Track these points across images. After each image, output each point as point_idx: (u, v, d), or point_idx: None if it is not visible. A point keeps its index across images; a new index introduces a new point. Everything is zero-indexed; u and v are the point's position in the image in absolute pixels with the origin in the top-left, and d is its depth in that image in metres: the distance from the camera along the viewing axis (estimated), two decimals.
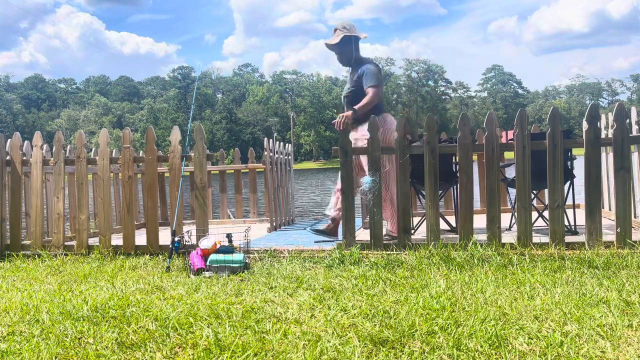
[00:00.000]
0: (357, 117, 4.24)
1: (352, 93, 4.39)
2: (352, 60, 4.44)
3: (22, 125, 77.65)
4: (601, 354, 1.93)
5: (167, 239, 4.37)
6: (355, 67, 4.42)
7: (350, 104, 4.36)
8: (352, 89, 4.39)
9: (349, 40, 4.40)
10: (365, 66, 4.36)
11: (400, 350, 2.00)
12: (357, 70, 4.37)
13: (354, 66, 4.45)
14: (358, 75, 4.34)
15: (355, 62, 4.44)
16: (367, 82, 4.29)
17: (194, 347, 2.11)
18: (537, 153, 4.00)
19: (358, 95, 4.32)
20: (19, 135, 4.87)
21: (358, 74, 4.34)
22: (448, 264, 3.56)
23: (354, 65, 4.45)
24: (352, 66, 4.46)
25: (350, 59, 4.44)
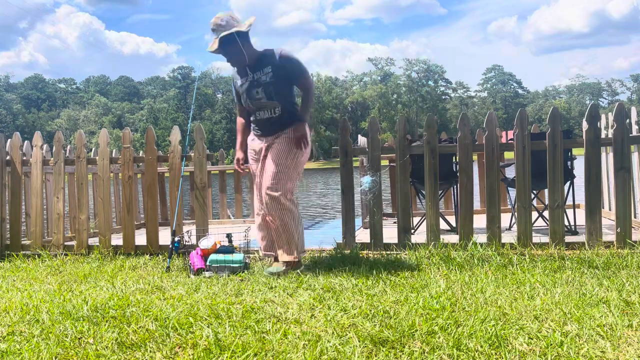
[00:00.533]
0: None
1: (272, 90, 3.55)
2: (247, 57, 3.56)
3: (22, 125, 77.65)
4: (601, 354, 1.93)
5: (167, 239, 4.37)
6: (259, 62, 3.59)
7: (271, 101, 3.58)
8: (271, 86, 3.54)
9: (231, 39, 3.48)
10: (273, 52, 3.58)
11: (400, 350, 2.00)
12: (264, 63, 3.56)
13: (255, 61, 3.59)
14: (276, 67, 3.53)
15: (252, 56, 3.59)
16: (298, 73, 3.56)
17: (194, 347, 2.11)
18: (537, 153, 4.00)
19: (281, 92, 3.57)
20: (19, 135, 4.87)
21: (273, 65, 3.53)
22: (448, 264, 3.56)
23: (255, 60, 3.59)
24: (250, 64, 3.60)
25: (241, 57, 3.56)
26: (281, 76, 3.51)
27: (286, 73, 3.52)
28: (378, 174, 4.12)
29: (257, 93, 3.54)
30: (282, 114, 3.54)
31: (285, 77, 3.53)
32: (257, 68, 3.55)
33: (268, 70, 3.52)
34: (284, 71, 3.51)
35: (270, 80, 3.50)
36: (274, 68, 3.51)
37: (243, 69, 3.61)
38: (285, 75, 3.52)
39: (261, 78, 3.53)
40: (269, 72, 3.52)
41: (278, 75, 3.50)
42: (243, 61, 3.56)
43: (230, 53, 3.54)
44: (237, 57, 3.55)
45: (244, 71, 3.62)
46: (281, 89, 3.52)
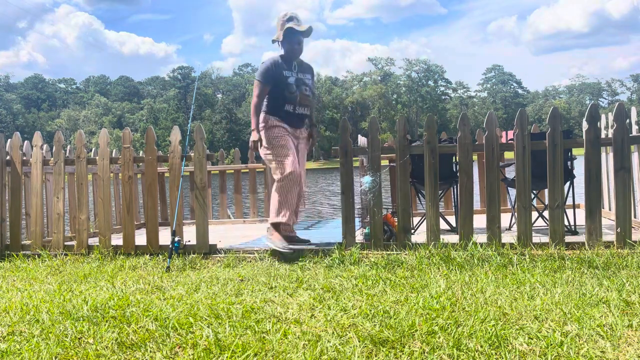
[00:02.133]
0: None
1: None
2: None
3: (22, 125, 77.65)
4: (601, 354, 1.93)
5: (167, 239, 4.37)
6: (301, 66, 4.38)
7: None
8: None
9: (309, 33, 4.29)
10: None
11: (400, 350, 2.00)
12: (306, 69, 4.45)
13: (300, 63, 4.38)
14: (313, 78, 4.48)
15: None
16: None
17: (194, 347, 2.11)
18: (537, 153, 4.00)
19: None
20: (19, 135, 4.88)
21: (312, 75, 4.47)
22: (448, 264, 3.56)
23: (299, 62, 4.39)
24: (297, 63, 4.33)
25: (300, 51, 4.31)
26: (313, 86, 4.39)
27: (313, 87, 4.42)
28: (378, 174, 4.12)
29: (306, 90, 4.21)
30: (310, 115, 4.33)
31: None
32: (301, 70, 4.26)
33: (309, 76, 4.30)
34: (313, 84, 4.41)
35: (311, 85, 4.31)
36: (311, 77, 4.36)
37: (291, 63, 4.21)
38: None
39: (306, 80, 4.24)
40: (310, 79, 4.31)
41: (313, 84, 4.37)
42: (298, 55, 4.24)
43: (301, 44, 4.23)
44: (300, 49, 4.23)
45: (290, 65, 4.21)
46: (314, 92, 4.41)
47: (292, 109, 4.14)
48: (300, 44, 4.20)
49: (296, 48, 4.18)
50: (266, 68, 4.12)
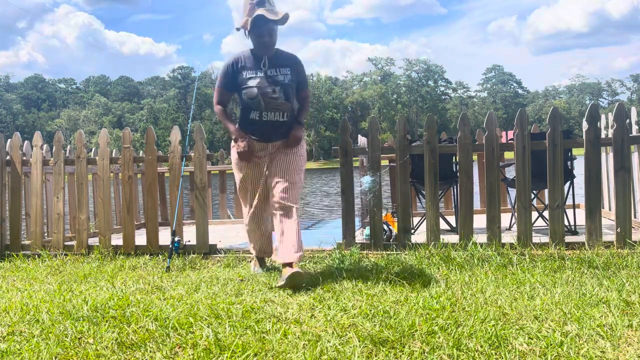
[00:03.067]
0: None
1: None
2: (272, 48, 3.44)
3: (22, 125, 77.64)
4: (601, 354, 1.93)
5: (167, 239, 4.36)
6: (276, 59, 3.47)
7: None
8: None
9: (283, 21, 3.37)
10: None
11: (400, 350, 2.00)
12: (282, 62, 3.49)
13: (273, 57, 3.46)
14: (294, 71, 3.54)
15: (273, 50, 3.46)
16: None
17: (194, 347, 2.11)
18: (537, 153, 4.01)
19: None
20: (19, 135, 4.88)
21: (292, 67, 3.53)
22: (448, 264, 3.56)
23: (273, 55, 3.47)
24: (269, 58, 3.43)
25: (272, 44, 3.41)
26: (294, 82, 3.41)
27: (298, 80, 3.45)
28: (378, 174, 4.12)
29: (274, 92, 3.31)
30: (288, 120, 3.39)
31: (297, 84, 3.45)
32: (274, 65, 3.36)
33: (287, 71, 3.38)
34: (297, 78, 3.44)
35: (288, 82, 3.36)
36: (292, 71, 3.39)
37: (258, 60, 3.36)
38: (297, 82, 3.44)
39: (278, 77, 3.34)
40: (287, 74, 3.37)
41: (293, 80, 3.39)
42: (269, 49, 3.35)
43: (273, 34, 3.33)
44: (271, 41, 3.33)
45: (256, 63, 3.35)
46: (292, 94, 3.41)
47: (258, 116, 3.34)
48: (272, 35, 3.32)
49: (266, 41, 3.32)
50: (223, 69, 3.41)
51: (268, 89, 3.31)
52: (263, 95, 3.29)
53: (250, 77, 3.33)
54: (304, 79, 3.50)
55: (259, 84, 3.30)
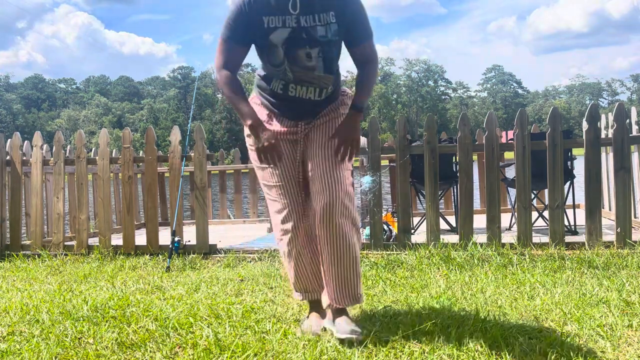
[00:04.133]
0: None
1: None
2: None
3: (22, 125, 77.62)
4: (601, 354, 1.93)
5: (167, 239, 4.37)
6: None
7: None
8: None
9: None
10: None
11: (400, 350, 2.00)
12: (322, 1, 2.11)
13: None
14: (341, 12, 2.12)
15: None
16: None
17: (194, 347, 2.11)
18: (537, 153, 4.01)
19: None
20: (19, 135, 4.88)
21: (337, 8, 2.11)
22: (448, 264, 3.56)
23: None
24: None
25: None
26: (343, 33, 2.15)
27: (352, 29, 2.15)
28: (378, 174, 4.12)
29: (310, 57, 2.12)
30: (330, 97, 2.26)
31: (349, 36, 2.17)
32: (310, 5, 2.07)
33: (330, 17, 2.09)
34: (350, 25, 2.13)
35: (332, 37, 2.11)
36: (339, 15, 2.09)
37: (284, 0, 2.06)
38: (349, 31, 2.15)
39: (317, 29, 2.08)
40: (332, 22, 2.09)
41: (340, 31, 2.13)
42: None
43: None
44: None
45: (283, 4, 2.07)
46: (337, 57, 2.22)
47: (282, 88, 2.22)
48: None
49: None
50: (233, 9, 2.11)
51: (300, 52, 2.11)
52: (292, 61, 2.13)
53: (273, 26, 2.09)
54: (362, 24, 2.14)
55: (286, 41, 2.10)
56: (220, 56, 2.17)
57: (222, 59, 2.17)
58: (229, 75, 2.16)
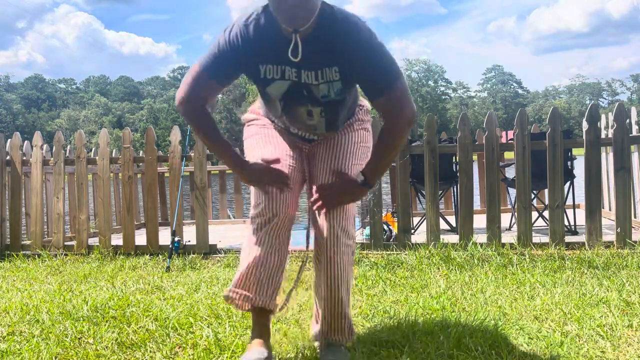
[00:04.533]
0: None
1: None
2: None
3: (22, 125, 77.61)
4: (601, 354, 1.93)
5: (167, 239, 4.36)
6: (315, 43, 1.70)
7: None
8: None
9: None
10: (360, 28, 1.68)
11: (400, 350, 2.00)
12: (326, 51, 1.71)
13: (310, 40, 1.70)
14: (348, 66, 1.73)
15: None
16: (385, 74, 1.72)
17: (194, 347, 2.11)
18: (537, 153, 4.01)
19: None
20: (19, 135, 4.88)
21: (343, 62, 1.72)
22: (448, 264, 3.56)
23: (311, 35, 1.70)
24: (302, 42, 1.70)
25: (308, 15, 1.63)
26: (352, 86, 1.86)
27: (361, 81, 1.77)
28: None
29: (311, 115, 1.85)
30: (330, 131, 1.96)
31: (361, 86, 1.81)
32: (312, 55, 1.69)
33: (334, 73, 1.74)
34: (361, 77, 1.74)
35: (336, 97, 1.80)
36: (345, 68, 1.72)
37: (282, 41, 1.69)
38: (360, 83, 1.79)
39: (319, 88, 1.77)
40: (336, 79, 1.75)
41: (347, 86, 1.80)
42: (300, 18, 1.61)
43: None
44: (309, 9, 1.60)
45: (278, 48, 1.70)
46: (344, 111, 1.92)
47: (283, 128, 2.00)
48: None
49: (291, 9, 1.59)
50: (218, 45, 1.73)
51: (300, 109, 1.84)
52: (290, 117, 1.89)
53: (270, 78, 1.78)
54: (379, 74, 1.70)
55: (285, 96, 1.82)
56: (191, 86, 1.79)
57: (193, 90, 1.79)
58: (199, 109, 1.82)
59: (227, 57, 1.74)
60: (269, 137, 1.96)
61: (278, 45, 1.70)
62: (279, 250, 1.88)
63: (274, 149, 1.92)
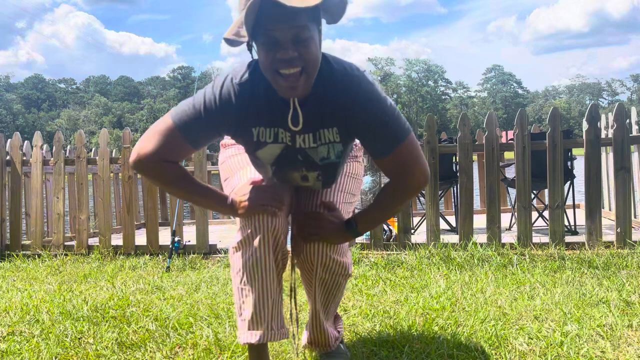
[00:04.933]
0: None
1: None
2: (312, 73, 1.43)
3: (22, 125, 77.65)
4: (601, 354, 1.93)
5: (167, 239, 4.36)
6: (314, 104, 1.51)
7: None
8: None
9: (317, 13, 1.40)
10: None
11: (400, 350, 2.00)
12: (325, 112, 1.53)
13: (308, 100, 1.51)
14: (349, 127, 1.55)
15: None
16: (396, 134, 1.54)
17: (194, 347, 2.11)
18: (537, 153, 4.01)
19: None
20: (19, 135, 4.88)
21: (342, 122, 1.55)
22: (448, 264, 3.56)
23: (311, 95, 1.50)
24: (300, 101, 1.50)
25: (312, 68, 1.42)
26: (350, 149, 1.76)
27: (363, 140, 1.58)
28: (378, 174, 4.12)
29: (306, 179, 1.67)
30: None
31: (365, 146, 1.60)
32: (311, 118, 1.52)
33: (334, 135, 1.57)
34: (360, 135, 1.57)
35: (336, 159, 1.62)
36: (345, 130, 1.56)
37: (278, 104, 1.50)
38: (362, 142, 1.60)
39: (317, 151, 1.59)
40: (336, 141, 1.58)
41: (347, 149, 1.64)
42: (298, 84, 1.40)
43: (306, 44, 1.37)
44: (301, 63, 1.38)
45: (273, 111, 1.52)
46: (340, 173, 1.77)
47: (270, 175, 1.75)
48: (302, 45, 1.36)
49: (290, 57, 1.36)
50: (200, 102, 1.52)
51: (294, 174, 1.66)
52: (283, 181, 1.70)
53: (263, 141, 1.58)
54: (382, 134, 1.52)
55: (278, 160, 1.62)
56: (159, 142, 1.51)
57: (161, 147, 1.51)
58: (170, 166, 1.56)
59: (212, 118, 1.49)
60: (251, 158, 1.69)
61: (273, 107, 1.51)
62: (279, 272, 1.69)
63: (257, 169, 1.72)
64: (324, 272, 1.69)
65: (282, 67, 1.37)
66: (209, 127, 1.51)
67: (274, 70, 1.38)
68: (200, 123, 1.50)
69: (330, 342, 1.89)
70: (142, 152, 1.53)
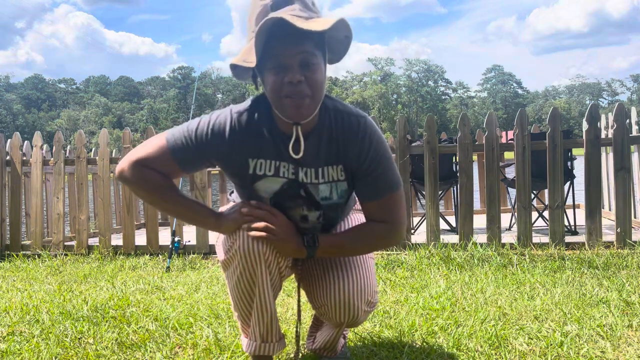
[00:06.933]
0: None
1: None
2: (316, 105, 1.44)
3: (22, 125, 77.65)
4: (601, 354, 1.93)
5: (167, 239, 4.37)
6: (317, 138, 1.51)
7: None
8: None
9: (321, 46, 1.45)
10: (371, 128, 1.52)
11: (400, 350, 2.00)
12: (329, 149, 1.53)
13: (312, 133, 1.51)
14: (353, 166, 1.54)
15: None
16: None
17: (194, 347, 2.11)
18: (537, 153, 4.01)
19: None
20: (19, 135, 4.88)
21: (348, 161, 1.54)
22: (448, 264, 3.56)
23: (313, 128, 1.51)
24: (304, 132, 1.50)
25: (318, 96, 1.43)
26: (351, 189, 1.62)
27: (362, 180, 1.55)
28: None
29: (306, 220, 1.61)
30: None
31: (363, 191, 1.57)
32: (314, 154, 1.52)
33: (338, 172, 1.55)
34: (362, 176, 1.54)
35: (339, 199, 1.60)
36: (349, 168, 1.55)
37: (279, 136, 1.50)
38: (363, 185, 1.56)
39: (319, 189, 1.56)
40: (340, 179, 1.56)
41: (349, 189, 1.61)
42: (303, 110, 1.40)
43: (313, 70, 1.40)
44: (308, 91, 1.39)
45: (275, 143, 1.51)
46: (342, 215, 1.74)
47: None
48: (309, 70, 1.38)
49: (297, 81, 1.37)
50: (195, 129, 1.51)
51: (294, 213, 1.59)
52: (287, 211, 1.59)
53: (261, 174, 1.54)
54: (379, 178, 1.53)
55: (277, 195, 1.57)
56: (150, 154, 1.51)
57: (150, 158, 1.51)
58: (156, 174, 1.52)
59: (203, 144, 1.49)
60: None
61: (275, 140, 1.50)
62: (273, 283, 1.60)
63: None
64: (351, 323, 1.66)
65: (289, 91, 1.38)
66: (198, 153, 1.50)
67: (281, 94, 1.39)
68: (191, 147, 1.50)
69: (338, 348, 1.93)
70: (131, 157, 1.53)
